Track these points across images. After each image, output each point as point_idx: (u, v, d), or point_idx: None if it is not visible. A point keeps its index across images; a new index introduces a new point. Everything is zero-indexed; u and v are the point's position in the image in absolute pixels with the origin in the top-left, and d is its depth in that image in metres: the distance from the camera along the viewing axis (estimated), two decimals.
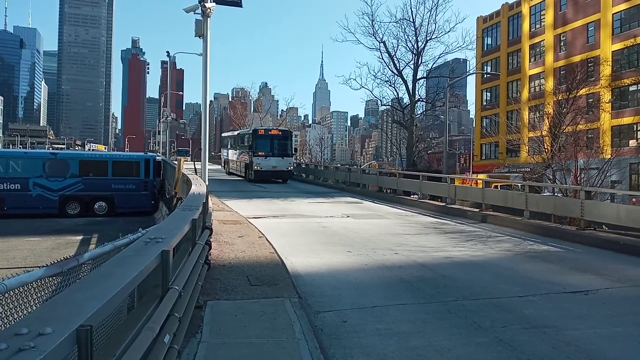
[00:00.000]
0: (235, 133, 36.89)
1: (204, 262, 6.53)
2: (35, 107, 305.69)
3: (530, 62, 52.18)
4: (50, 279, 3.57)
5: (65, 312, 2.32)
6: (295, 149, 31.99)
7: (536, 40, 51.42)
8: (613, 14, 42.77)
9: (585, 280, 7.90)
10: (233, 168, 34.83)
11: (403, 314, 6.07)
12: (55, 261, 3.79)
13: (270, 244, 10.05)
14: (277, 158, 28.59)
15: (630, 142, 41.07)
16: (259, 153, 28.22)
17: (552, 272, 8.41)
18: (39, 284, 3.41)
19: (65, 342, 2.05)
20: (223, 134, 48.95)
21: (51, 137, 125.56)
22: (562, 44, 48.23)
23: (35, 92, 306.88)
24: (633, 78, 38.30)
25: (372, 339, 5.21)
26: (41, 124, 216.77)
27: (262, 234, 11.21)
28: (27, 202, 20.96)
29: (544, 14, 50.43)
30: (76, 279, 3.84)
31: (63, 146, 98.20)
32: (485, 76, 56.64)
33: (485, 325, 5.68)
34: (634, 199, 26.02)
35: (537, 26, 51.55)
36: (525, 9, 52.93)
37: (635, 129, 41.61)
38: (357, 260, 9.02)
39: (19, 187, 21.05)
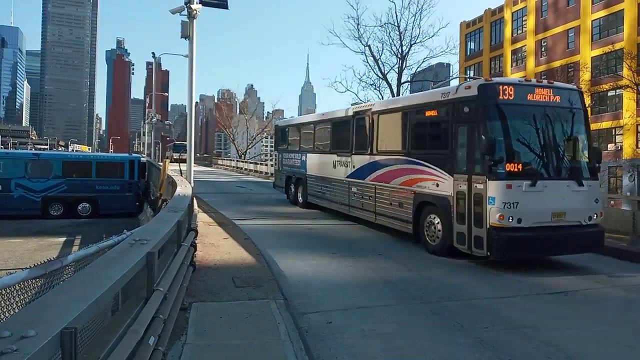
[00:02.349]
0: (367, 106, 13.47)
1: (189, 264, 6.52)
2: (17, 107, 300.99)
3: (512, 67, 52.93)
4: (33, 281, 3.55)
5: (49, 314, 2.32)
6: (598, 154, 9.82)
7: (518, 45, 52.18)
8: (592, 21, 43.63)
9: (565, 281, 8.04)
10: (325, 196, 15.19)
11: (387, 315, 6.13)
12: (38, 263, 3.77)
13: (256, 245, 10.04)
14: (568, 183, 8.91)
15: (609, 145, 41.93)
16: (517, 168, 8.57)
17: (532, 274, 8.54)
18: (22, 286, 3.39)
19: (49, 345, 2.05)
20: (281, 122, 22.62)
21: (34, 138, 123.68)
22: (543, 49, 49.03)
23: (17, 92, 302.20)
24: (611, 83, 39.09)
25: (357, 339, 5.26)
26: (23, 124, 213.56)
27: (248, 236, 11.19)
28: (9, 203, 20.63)
29: (525, 20, 51.23)
30: (60, 281, 3.82)
31: (46, 147, 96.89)
32: (468, 80, 57.13)
33: (467, 326, 5.76)
34: (612, 202, 26.50)
35: (519, 32, 52.33)
36: (507, 15, 53.70)
37: (613, 133, 42.48)
38: (342, 261, 9.06)
39: (0, 188, 20.71)
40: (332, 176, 14.55)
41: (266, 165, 42.21)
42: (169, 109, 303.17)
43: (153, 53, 38.37)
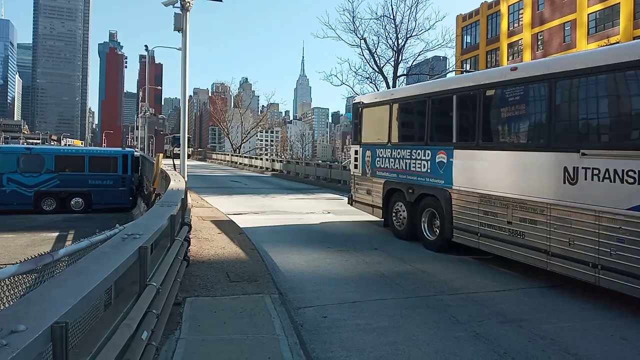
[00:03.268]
0: None
1: (182, 259, 6.48)
2: (9, 101, 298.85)
3: (508, 60, 52.95)
4: (24, 275, 3.51)
5: (40, 309, 2.29)
6: None
7: (514, 39, 52.23)
8: (588, 14, 43.69)
9: (560, 275, 8.05)
10: (517, 239, 7.55)
11: (382, 309, 6.12)
12: (30, 258, 3.72)
13: (250, 240, 10.01)
14: None
15: None
16: None
17: (529, 268, 8.55)
18: (12, 280, 3.34)
19: (39, 340, 2.02)
20: (367, 97, 12.83)
21: (26, 132, 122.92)
22: (539, 42, 49.08)
23: (8, 86, 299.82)
24: None
25: (352, 333, 5.25)
26: (15, 119, 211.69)
27: (242, 230, 11.16)
28: (1, 199, 20.49)
29: (522, 13, 51.24)
30: (51, 276, 3.77)
31: (38, 141, 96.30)
32: (464, 74, 57.26)
33: (462, 319, 5.76)
34: None
35: (515, 25, 52.35)
36: (503, 8, 53.69)
37: None
38: (338, 256, 9.05)
39: None
40: (555, 200, 6.92)
41: (261, 159, 42.16)
42: (163, 103, 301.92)
43: (146, 46, 38.10)
